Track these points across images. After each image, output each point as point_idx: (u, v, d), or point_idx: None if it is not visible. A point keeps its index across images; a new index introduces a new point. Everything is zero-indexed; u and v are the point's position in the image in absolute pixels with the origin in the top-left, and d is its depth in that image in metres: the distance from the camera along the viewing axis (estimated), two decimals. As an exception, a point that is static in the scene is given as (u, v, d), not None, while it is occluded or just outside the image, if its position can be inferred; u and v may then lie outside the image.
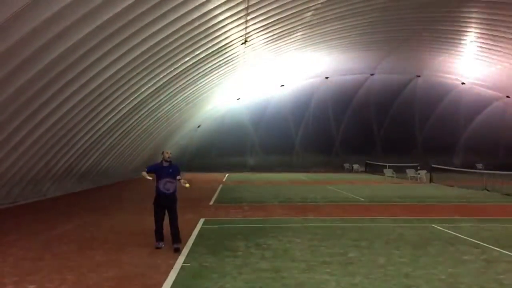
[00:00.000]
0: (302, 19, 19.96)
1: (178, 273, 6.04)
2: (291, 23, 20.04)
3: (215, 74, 22.64)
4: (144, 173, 7.81)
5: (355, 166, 38.41)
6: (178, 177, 7.75)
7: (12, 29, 8.42)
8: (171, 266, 6.37)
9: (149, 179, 7.73)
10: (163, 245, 7.61)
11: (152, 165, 8.15)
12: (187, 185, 7.73)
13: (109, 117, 16.34)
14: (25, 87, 10.18)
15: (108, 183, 22.94)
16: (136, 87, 16.11)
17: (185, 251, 7.33)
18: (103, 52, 11.87)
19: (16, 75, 9.63)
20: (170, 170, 7.69)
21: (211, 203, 14.91)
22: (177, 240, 7.48)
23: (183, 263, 6.58)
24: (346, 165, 39.19)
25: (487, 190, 19.38)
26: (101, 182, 22.01)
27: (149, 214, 11.78)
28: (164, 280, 5.73)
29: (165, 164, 7.72)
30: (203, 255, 7.08)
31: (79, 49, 10.90)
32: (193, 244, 7.90)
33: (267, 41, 21.66)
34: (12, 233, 9.11)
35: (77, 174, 18.06)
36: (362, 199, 16.12)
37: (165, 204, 7.65)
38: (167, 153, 7.78)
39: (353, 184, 24.48)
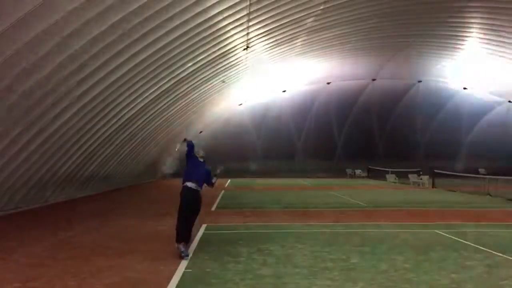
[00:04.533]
0: (303, 25, 20.04)
1: (180, 279, 6.03)
2: (292, 29, 20.11)
3: (217, 79, 22.71)
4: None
5: (357, 172, 38.33)
6: (213, 180, 8.04)
7: (14, 37, 8.48)
8: (173, 272, 6.36)
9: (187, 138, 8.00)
10: (183, 249, 7.32)
11: (190, 152, 7.92)
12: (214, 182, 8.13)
13: (112, 123, 16.38)
14: (27, 93, 10.22)
15: (110, 189, 22.93)
16: (139, 93, 16.16)
17: (187, 257, 7.32)
18: (106, 58, 11.94)
19: (18, 82, 9.68)
20: (206, 167, 7.89)
21: (213, 209, 14.88)
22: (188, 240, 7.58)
23: (185, 269, 6.58)
24: (348, 171, 39.10)
25: (490, 195, 19.31)
26: (104, 187, 22.01)
27: (151, 220, 11.83)
28: (166, 286, 5.73)
29: (201, 159, 7.93)
30: (205, 261, 7.07)
31: (82, 56, 10.97)
32: (195, 250, 7.89)
33: (269, 47, 21.74)
34: (14, 239, 9.11)
35: (79, 180, 18.08)
36: (365, 205, 16.08)
37: (189, 202, 7.54)
38: (201, 150, 8.01)
39: (355, 189, 24.41)
